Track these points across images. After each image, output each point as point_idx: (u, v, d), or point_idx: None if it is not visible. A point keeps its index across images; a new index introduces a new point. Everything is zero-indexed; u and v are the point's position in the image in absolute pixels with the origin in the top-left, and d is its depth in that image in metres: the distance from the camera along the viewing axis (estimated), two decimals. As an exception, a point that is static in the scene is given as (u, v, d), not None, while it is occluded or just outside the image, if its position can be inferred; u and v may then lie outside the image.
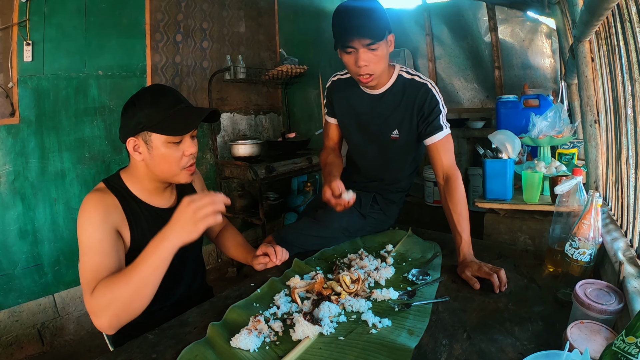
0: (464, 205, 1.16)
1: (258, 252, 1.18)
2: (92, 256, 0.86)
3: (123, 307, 0.79)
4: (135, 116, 0.92)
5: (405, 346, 0.73)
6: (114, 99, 2.32)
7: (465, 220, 1.13)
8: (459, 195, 1.17)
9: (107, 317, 0.79)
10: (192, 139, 0.98)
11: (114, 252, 0.89)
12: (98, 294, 0.79)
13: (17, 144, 1.95)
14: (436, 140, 1.24)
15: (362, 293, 0.96)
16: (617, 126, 1.10)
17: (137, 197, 1.00)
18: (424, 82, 1.26)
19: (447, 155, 1.24)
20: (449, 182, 1.20)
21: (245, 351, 0.75)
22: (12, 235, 1.96)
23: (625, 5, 0.89)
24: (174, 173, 0.97)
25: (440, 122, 1.24)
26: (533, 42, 3.42)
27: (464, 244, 1.08)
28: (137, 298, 0.80)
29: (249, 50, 3.14)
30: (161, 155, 0.94)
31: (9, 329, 1.94)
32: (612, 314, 0.68)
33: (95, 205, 0.91)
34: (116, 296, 0.78)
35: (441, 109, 1.24)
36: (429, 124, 1.24)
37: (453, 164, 1.24)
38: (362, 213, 1.38)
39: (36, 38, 1.97)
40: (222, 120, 2.97)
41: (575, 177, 0.99)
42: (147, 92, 0.95)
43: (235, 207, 2.84)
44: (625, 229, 0.99)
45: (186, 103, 0.97)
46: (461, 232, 1.10)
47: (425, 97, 1.24)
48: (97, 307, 0.79)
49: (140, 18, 2.40)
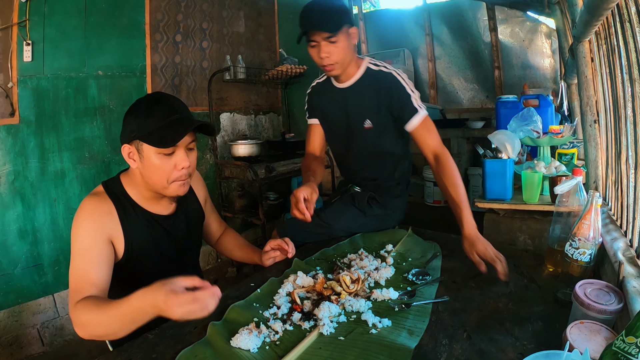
0: (458, 178, 1.18)
1: (267, 248, 1.18)
2: (78, 263, 0.88)
3: (98, 332, 0.80)
4: (130, 124, 0.92)
5: (405, 346, 0.73)
6: (114, 99, 2.32)
7: (462, 192, 1.14)
8: (453, 168, 1.19)
9: (84, 331, 0.80)
10: (188, 151, 0.95)
11: (101, 262, 0.89)
12: (79, 311, 0.80)
13: (17, 144, 1.95)
14: (415, 124, 1.28)
15: (362, 293, 0.96)
16: (617, 126, 1.10)
17: (135, 202, 0.99)
18: (389, 71, 1.32)
19: (431, 137, 1.27)
20: (440, 160, 1.23)
21: (245, 351, 0.75)
22: (12, 235, 1.96)
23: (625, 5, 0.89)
24: (162, 186, 0.95)
25: (413, 105, 1.27)
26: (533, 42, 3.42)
27: (465, 214, 1.09)
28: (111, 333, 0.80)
29: (249, 50, 3.14)
30: (152, 166, 0.92)
31: (9, 329, 1.94)
32: (612, 314, 0.68)
33: (90, 212, 0.92)
34: (93, 323, 0.79)
35: (410, 92, 1.28)
36: (402, 110, 1.28)
37: (440, 144, 1.27)
38: (360, 209, 1.40)
39: (36, 38, 1.97)
40: (222, 120, 2.97)
41: (575, 177, 0.99)
42: (144, 101, 0.94)
43: (235, 207, 2.84)
44: (625, 229, 0.99)
45: (182, 113, 0.94)
46: (459, 203, 1.11)
47: (391, 85, 1.30)
48: (77, 319, 0.80)
49: (140, 18, 2.40)
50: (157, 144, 0.90)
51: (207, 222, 1.24)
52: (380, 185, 1.45)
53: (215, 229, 1.30)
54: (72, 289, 0.85)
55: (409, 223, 1.48)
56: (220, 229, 1.31)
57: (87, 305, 0.80)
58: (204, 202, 1.21)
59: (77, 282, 0.86)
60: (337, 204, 1.45)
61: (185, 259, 1.13)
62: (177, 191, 0.97)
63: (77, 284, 0.85)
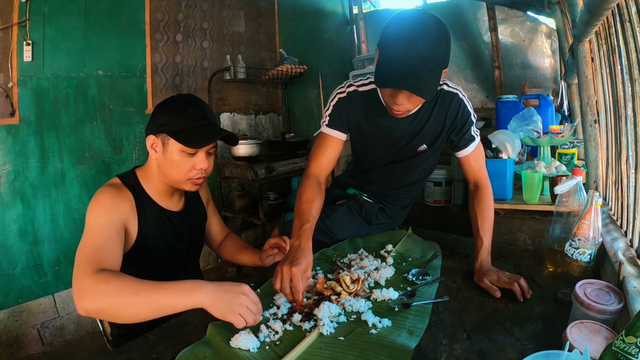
0: (491, 212, 1.14)
1: (265, 247, 1.19)
2: (96, 236, 0.85)
3: (114, 306, 0.73)
4: (161, 117, 0.97)
5: (405, 346, 0.73)
6: (114, 99, 2.32)
7: (489, 226, 1.11)
8: (488, 201, 1.16)
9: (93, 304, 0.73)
10: (208, 155, 1.01)
11: (116, 242, 0.89)
12: (101, 279, 0.74)
13: (17, 144, 1.95)
14: (469, 152, 1.21)
15: (362, 293, 0.96)
16: (617, 126, 1.10)
17: (149, 195, 1.03)
18: (454, 91, 1.17)
19: (479, 165, 1.22)
20: (479, 189, 1.19)
21: (245, 351, 0.75)
22: (12, 235, 1.96)
23: (625, 5, 0.89)
24: (179, 180, 1.00)
25: (472, 133, 1.20)
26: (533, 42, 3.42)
27: (483, 249, 1.05)
28: (130, 312, 0.73)
29: (249, 50, 3.14)
30: (173, 161, 0.98)
31: (9, 329, 1.94)
32: (612, 314, 0.68)
33: (111, 196, 0.94)
34: (115, 293, 0.73)
35: (472, 119, 1.20)
36: (462, 137, 1.20)
37: (485, 173, 1.22)
38: (366, 219, 1.37)
39: (36, 38, 1.97)
40: (222, 120, 2.97)
41: (575, 177, 0.99)
42: (179, 100, 1.00)
43: (235, 207, 2.84)
44: (625, 229, 0.99)
45: (211, 120, 1.01)
46: (483, 237, 1.08)
47: (458, 110, 1.17)
48: (91, 289, 0.73)
49: (140, 18, 2.40)
50: (185, 142, 0.95)
51: (208, 224, 1.27)
52: (395, 197, 1.42)
53: (217, 231, 1.31)
54: (88, 258, 0.79)
55: (409, 223, 1.48)
56: (222, 233, 1.32)
57: (115, 273, 0.76)
58: (206, 203, 1.25)
59: (95, 252, 0.81)
60: (341, 211, 1.37)
61: (188, 257, 1.16)
62: (191, 188, 1.03)
63: (94, 253, 0.81)
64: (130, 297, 0.72)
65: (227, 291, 0.76)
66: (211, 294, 0.74)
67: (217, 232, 1.31)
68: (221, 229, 1.32)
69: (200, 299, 0.73)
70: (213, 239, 1.31)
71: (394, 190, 1.40)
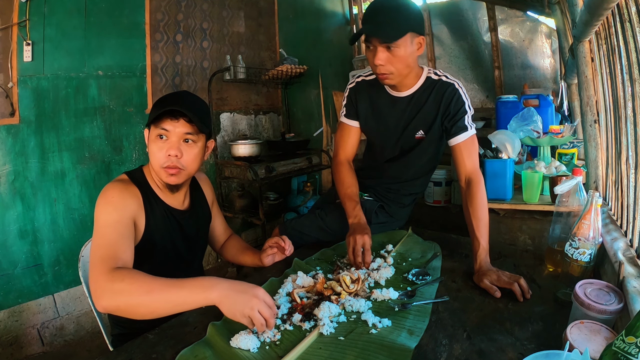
0: (485, 211, 1.13)
1: (265, 246, 1.19)
2: (109, 234, 0.86)
3: (130, 304, 0.75)
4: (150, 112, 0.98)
5: (405, 346, 0.73)
6: (114, 99, 2.32)
7: (484, 226, 1.10)
8: (480, 200, 1.15)
9: (110, 302, 0.76)
10: (184, 143, 0.98)
11: (128, 237, 0.90)
12: (117, 277, 0.76)
13: (17, 144, 1.95)
14: (460, 140, 1.22)
15: (362, 293, 0.96)
16: (617, 126, 1.10)
17: (155, 192, 1.04)
18: (451, 82, 1.25)
19: (470, 158, 1.22)
20: (471, 186, 1.18)
21: (245, 351, 0.75)
22: (12, 235, 1.96)
23: (625, 5, 0.89)
24: (157, 170, 0.99)
25: (465, 122, 1.22)
26: (533, 42, 3.42)
27: (481, 250, 1.05)
28: (146, 309, 0.76)
29: (249, 50, 3.14)
30: (151, 148, 0.98)
31: (9, 329, 1.94)
32: (612, 314, 0.68)
33: (119, 191, 0.94)
34: (131, 291, 0.75)
35: (467, 109, 1.23)
36: (454, 124, 1.22)
37: (476, 168, 1.21)
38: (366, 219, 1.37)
39: (36, 38, 1.97)
40: (222, 120, 2.97)
41: (575, 177, 0.99)
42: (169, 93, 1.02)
43: (235, 207, 2.84)
44: (625, 229, 0.99)
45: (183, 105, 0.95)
46: (479, 238, 1.07)
47: (452, 97, 1.23)
48: (107, 287, 0.76)
49: (140, 18, 2.40)
50: (148, 124, 0.97)
51: (212, 225, 1.27)
52: (397, 193, 1.43)
53: (220, 233, 1.31)
54: (101, 255, 0.81)
55: (409, 223, 1.48)
56: (225, 234, 1.32)
57: (131, 272, 0.77)
58: (211, 204, 1.25)
59: (109, 250, 0.83)
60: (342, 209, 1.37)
61: (192, 256, 1.16)
62: (167, 179, 0.99)
63: (108, 251, 0.82)
64: (145, 295, 0.74)
65: (242, 292, 0.76)
66: (225, 292, 0.75)
67: (220, 233, 1.31)
68: (224, 230, 1.32)
69: (213, 297, 0.74)
70: (216, 240, 1.31)
71: (396, 184, 1.42)
